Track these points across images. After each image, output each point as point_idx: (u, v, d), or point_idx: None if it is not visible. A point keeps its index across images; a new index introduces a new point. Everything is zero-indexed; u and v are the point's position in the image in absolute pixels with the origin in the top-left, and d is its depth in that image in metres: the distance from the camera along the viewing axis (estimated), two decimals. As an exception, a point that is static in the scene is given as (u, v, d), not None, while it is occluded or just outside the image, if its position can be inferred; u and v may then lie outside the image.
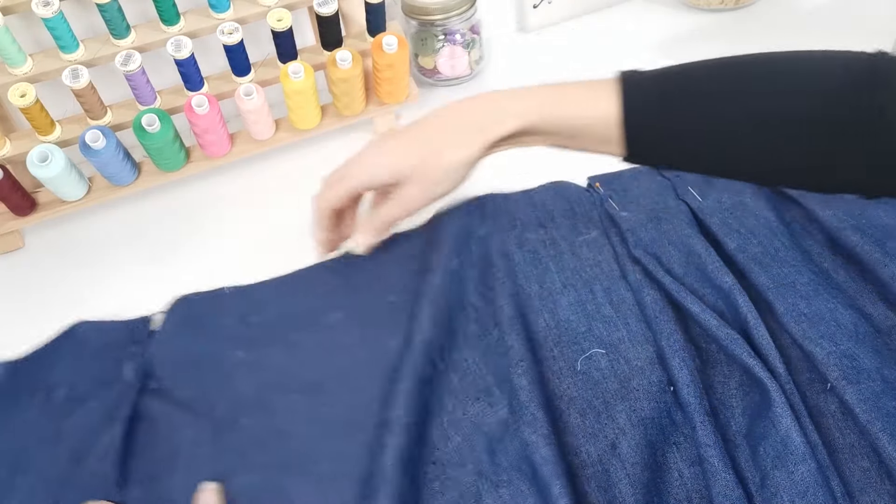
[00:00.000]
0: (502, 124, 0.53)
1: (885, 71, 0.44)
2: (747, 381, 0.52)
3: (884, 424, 0.46)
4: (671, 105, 0.50)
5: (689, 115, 0.49)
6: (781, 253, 0.58)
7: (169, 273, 0.68)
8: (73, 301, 0.67)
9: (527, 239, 0.64)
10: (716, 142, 0.49)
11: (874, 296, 0.56)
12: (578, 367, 0.54)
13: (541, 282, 0.60)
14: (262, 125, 0.73)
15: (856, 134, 0.44)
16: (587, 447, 0.50)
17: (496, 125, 0.54)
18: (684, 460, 0.49)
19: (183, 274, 0.68)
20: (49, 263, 0.71)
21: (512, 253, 0.62)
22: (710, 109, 0.49)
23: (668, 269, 0.59)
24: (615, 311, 0.58)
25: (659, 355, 0.54)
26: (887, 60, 0.44)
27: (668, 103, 0.50)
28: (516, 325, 0.57)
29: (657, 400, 0.51)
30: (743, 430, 0.50)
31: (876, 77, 0.44)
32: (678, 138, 0.50)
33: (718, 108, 0.49)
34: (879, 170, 0.45)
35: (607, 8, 0.93)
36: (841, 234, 0.58)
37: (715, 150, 0.50)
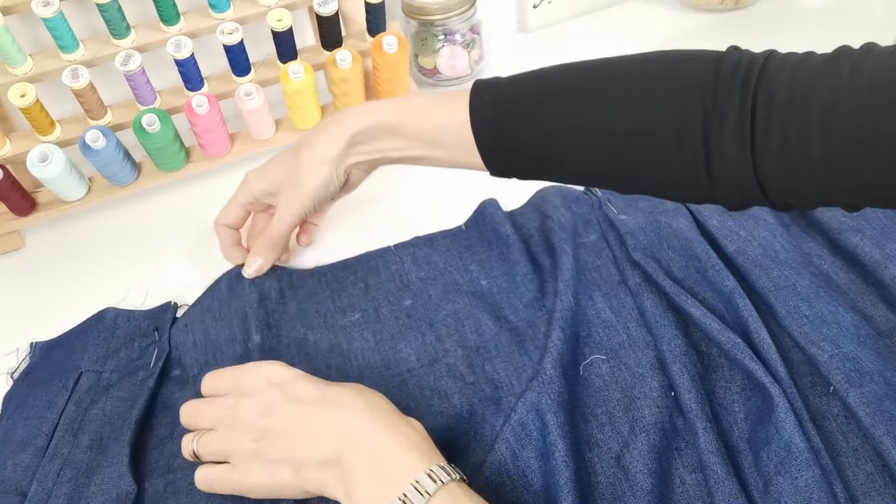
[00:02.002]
0: (362, 116, 0.55)
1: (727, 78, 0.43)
2: (749, 386, 0.52)
3: (887, 427, 0.46)
4: (512, 113, 0.50)
5: (528, 124, 0.49)
6: (781, 255, 0.58)
7: (169, 273, 0.68)
8: (73, 301, 0.67)
9: (527, 244, 0.64)
10: (555, 156, 0.49)
11: (875, 297, 0.56)
12: (580, 373, 0.54)
13: (541, 287, 0.60)
14: (262, 125, 0.73)
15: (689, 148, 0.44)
16: (590, 455, 0.50)
17: (355, 118, 0.56)
18: (686, 467, 0.49)
19: (183, 274, 0.68)
20: (49, 263, 0.71)
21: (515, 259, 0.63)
22: (545, 126, 0.49)
23: (667, 272, 0.59)
24: (615, 315, 0.58)
25: (660, 360, 0.54)
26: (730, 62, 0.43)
27: (509, 111, 0.50)
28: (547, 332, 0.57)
29: (659, 406, 0.51)
30: (745, 435, 0.50)
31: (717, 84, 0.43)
32: (520, 150, 0.51)
33: (551, 126, 0.48)
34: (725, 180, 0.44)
35: (607, 8, 0.93)
36: (841, 236, 0.58)
37: (552, 160, 0.50)
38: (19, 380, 0.60)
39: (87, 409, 0.56)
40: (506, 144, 0.51)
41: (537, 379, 0.52)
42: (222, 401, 0.51)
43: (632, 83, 0.46)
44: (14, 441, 0.55)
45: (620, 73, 0.47)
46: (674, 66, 0.45)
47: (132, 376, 0.58)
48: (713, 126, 0.42)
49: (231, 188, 0.77)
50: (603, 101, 0.46)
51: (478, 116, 0.51)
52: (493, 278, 0.63)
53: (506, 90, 0.51)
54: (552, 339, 0.54)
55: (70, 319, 0.65)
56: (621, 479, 0.49)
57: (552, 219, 0.64)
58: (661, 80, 0.45)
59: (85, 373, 0.59)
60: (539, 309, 0.59)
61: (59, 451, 0.54)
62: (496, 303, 0.61)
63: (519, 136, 0.50)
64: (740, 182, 0.43)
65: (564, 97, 0.48)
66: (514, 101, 0.50)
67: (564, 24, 0.92)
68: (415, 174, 0.75)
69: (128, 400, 0.57)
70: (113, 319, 0.63)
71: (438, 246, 0.66)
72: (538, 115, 0.49)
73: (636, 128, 0.45)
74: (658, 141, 0.45)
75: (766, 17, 0.88)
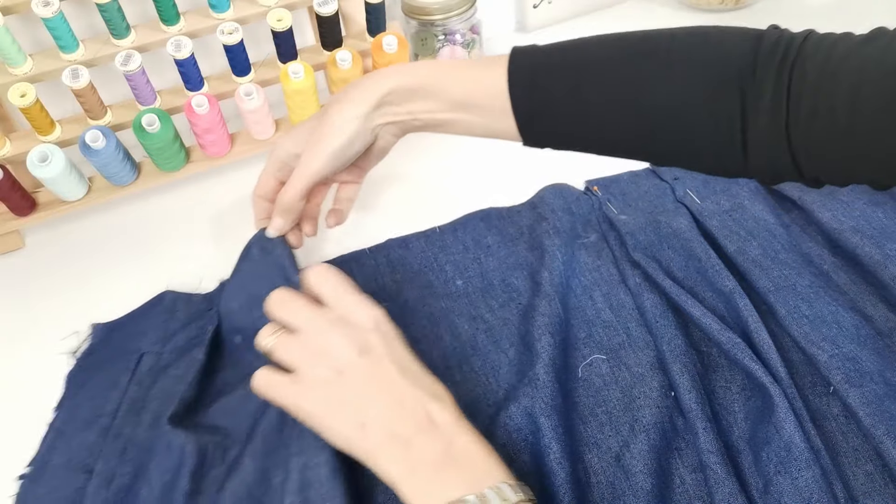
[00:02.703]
0: (391, 76, 0.54)
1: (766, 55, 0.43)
2: (749, 386, 0.52)
3: (887, 428, 0.46)
4: (550, 78, 0.49)
5: (566, 90, 0.49)
6: (781, 255, 0.58)
7: (169, 273, 0.68)
8: (73, 301, 0.67)
9: (527, 245, 0.64)
10: (590, 123, 0.49)
11: (875, 297, 0.56)
12: (580, 374, 0.54)
13: (541, 287, 0.60)
14: (262, 125, 0.73)
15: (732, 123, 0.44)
16: (589, 456, 0.50)
17: (385, 77, 0.54)
18: (686, 467, 0.49)
19: (183, 274, 0.68)
20: (49, 263, 0.71)
21: (515, 262, 0.63)
22: (583, 93, 0.48)
23: (667, 272, 0.59)
24: (615, 315, 0.58)
25: (660, 360, 0.54)
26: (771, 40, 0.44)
27: (547, 76, 0.49)
28: (521, 333, 0.57)
29: (659, 406, 0.51)
30: (745, 435, 0.50)
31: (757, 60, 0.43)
32: (556, 115, 0.50)
33: (590, 93, 0.48)
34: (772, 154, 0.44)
35: (607, 8, 0.93)
36: (840, 236, 0.58)
37: (587, 129, 0.50)
38: (81, 360, 0.61)
39: (148, 389, 0.57)
40: (542, 110, 0.50)
41: (531, 385, 0.52)
42: (322, 311, 0.49)
43: (672, 55, 0.46)
44: (79, 420, 0.56)
45: (661, 45, 0.47)
46: (714, 42, 0.46)
47: (188, 353, 0.58)
48: (750, 102, 0.43)
49: (231, 188, 0.77)
50: (642, 72, 0.47)
51: (516, 80, 0.50)
52: (468, 279, 0.63)
53: (545, 57, 0.50)
54: (542, 343, 0.54)
55: (70, 319, 0.65)
56: (621, 478, 0.49)
57: (548, 221, 0.64)
58: (701, 53, 0.45)
59: (146, 354, 0.60)
60: (515, 307, 0.60)
61: (123, 430, 0.55)
62: (472, 303, 0.61)
63: (556, 102, 0.49)
64: (774, 158, 0.44)
65: (604, 66, 0.48)
66: (553, 67, 0.49)
67: (564, 24, 0.92)
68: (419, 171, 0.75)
69: (182, 377, 0.57)
70: (172, 302, 0.64)
71: (413, 247, 0.66)
72: (576, 82, 0.48)
73: (674, 100, 0.45)
74: (695, 114, 0.45)
75: (766, 16, 0.88)
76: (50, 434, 0.56)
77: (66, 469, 0.53)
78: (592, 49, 0.49)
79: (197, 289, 0.66)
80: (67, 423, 0.56)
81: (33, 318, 0.66)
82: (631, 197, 0.67)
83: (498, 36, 0.92)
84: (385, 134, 0.57)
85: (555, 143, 0.53)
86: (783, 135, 0.42)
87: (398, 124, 0.56)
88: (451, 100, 0.53)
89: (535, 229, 0.65)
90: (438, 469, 0.42)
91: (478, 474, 0.42)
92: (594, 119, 0.49)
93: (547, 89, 0.49)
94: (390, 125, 0.56)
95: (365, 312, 0.49)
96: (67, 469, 0.53)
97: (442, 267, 0.65)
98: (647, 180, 0.68)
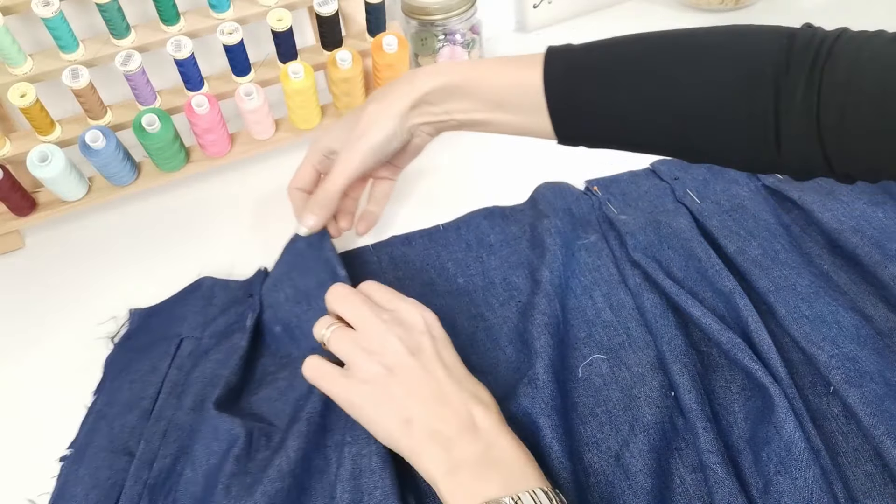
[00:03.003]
0: (432, 76, 0.55)
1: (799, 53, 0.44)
2: (749, 386, 0.52)
3: (887, 428, 0.46)
4: (585, 78, 0.50)
5: (601, 89, 0.50)
6: (781, 255, 0.58)
7: (169, 273, 0.68)
8: (73, 301, 0.67)
9: (528, 244, 0.64)
10: (624, 120, 0.50)
11: (875, 297, 0.56)
12: (579, 374, 0.54)
13: (540, 285, 0.60)
14: (262, 125, 0.73)
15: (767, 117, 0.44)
16: (589, 455, 0.50)
17: (426, 77, 0.55)
18: (686, 466, 0.49)
19: (183, 274, 0.68)
20: (49, 263, 0.71)
21: (517, 260, 0.63)
22: (617, 90, 0.49)
23: (667, 272, 0.59)
24: (615, 315, 0.58)
25: (660, 360, 0.54)
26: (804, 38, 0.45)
27: (582, 76, 0.50)
28: (520, 332, 0.57)
29: (659, 405, 0.51)
30: (745, 435, 0.50)
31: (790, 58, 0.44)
32: (591, 113, 0.51)
33: (624, 90, 0.49)
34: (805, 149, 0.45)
35: (607, 8, 0.93)
36: (840, 236, 0.58)
37: (622, 127, 0.50)
38: (120, 345, 0.62)
39: (189, 373, 0.58)
40: (577, 109, 0.51)
41: (530, 384, 0.52)
42: (378, 311, 0.51)
43: (706, 53, 0.47)
44: (120, 403, 0.57)
45: (695, 43, 0.47)
46: (748, 40, 0.46)
47: (229, 339, 0.59)
48: (783, 100, 0.43)
49: (231, 188, 0.77)
50: (676, 70, 0.47)
51: (551, 79, 0.51)
52: (469, 277, 0.63)
53: (580, 56, 0.51)
54: (542, 343, 0.54)
55: (70, 319, 0.65)
56: (621, 478, 0.49)
57: (549, 219, 0.64)
58: (735, 51, 0.46)
59: (185, 339, 0.61)
60: (515, 305, 0.60)
61: (164, 413, 0.55)
62: (473, 301, 0.61)
63: (591, 101, 0.50)
64: (806, 155, 0.44)
65: (638, 65, 0.49)
66: (588, 66, 0.50)
67: (564, 24, 0.92)
68: (423, 169, 0.75)
69: (223, 361, 0.58)
70: (210, 288, 0.64)
71: (415, 245, 0.67)
72: (611, 81, 0.49)
73: (708, 97, 0.46)
74: (729, 111, 0.45)
75: (766, 17, 0.88)
76: (90, 417, 0.57)
77: (108, 451, 0.54)
78: (626, 48, 0.50)
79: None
80: (108, 406, 0.57)
81: (33, 318, 0.66)
82: (631, 197, 0.67)
83: (498, 36, 0.92)
84: (421, 133, 0.59)
85: (589, 142, 0.54)
86: (815, 133, 0.43)
87: (434, 124, 0.58)
88: (487, 100, 0.54)
89: (537, 227, 0.65)
90: (477, 469, 0.44)
91: (515, 477, 0.43)
92: (629, 118, 0.49)
93: (582, 89, 0.50)
94: (426, 125, 0.58)
95: (418, 315, 0.51)
96: (109, 451, 0.54)
97: (444, 265, 0.65)
98: (647, 180, 0.68)
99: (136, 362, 0.59)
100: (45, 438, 0.57)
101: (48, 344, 0.64)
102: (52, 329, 0.65)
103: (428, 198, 0.72)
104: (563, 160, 0.74)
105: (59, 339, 0.64)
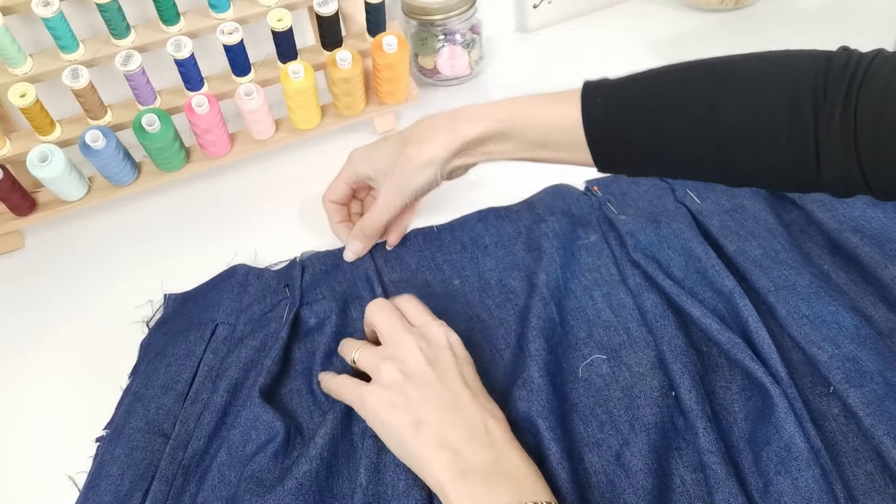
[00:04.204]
0: (473, 124, 0.57)
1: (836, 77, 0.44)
2: (749, 386, 0.52)
3: (887, 428, 0.46)
4: (625, 113, 0.51)
5: (639, 125, 0.51)
6: (781, 255, 0.58)
7: (169, 273, 0.68)
8: (73, 301, 0.67)
9: (524, 245, 0.64)
10: (665, 150, 0.51)
11: (875, 297, 0.56)
12: (580, 374, 0.54)
13: (536, 289, 0.60)
14: (262, 125, 0.73)
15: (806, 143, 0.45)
16: (590, 455, 0.50)
17: (467, 124, 0.57)
18: (686, 466, 0.49)
19: (183, 274, 0.68)
20: (49, 263, 0.71)
21: (512, 262, 0.63)
22: (657, 122, 0.50)
23: (667, 272, 0.59)
24: (615, 315, 0.58)
25: (660, 360, 0.54)
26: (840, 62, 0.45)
27: (622, 111, 0.51)
28: (517, 334, 0.57)
29: (659, 405, 0.51)
30: (745, 435, 0.50)
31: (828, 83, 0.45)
32: (631, 145, 0.52)
33: (663, 121, 0.50)
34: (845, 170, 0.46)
35: (607, 8, 0.93)
36: (840, 236, 0.58)
37: (663, 155, 0.51)
38: (155, 329, 0.64)
39: (224, 358, 0.59)
40: (618, 143, 0.53)
41: (525, 388, 0.52)
42: (408, 325, 0.54)
43: (745, 79, 0.47)
44: (156, 385, 0.58)
45: (733, 70, 0.48)
46: (786, 66, 0.47)
47: (265, 328, 0.60)
48: (822, 123, 0.44)
49: (231, 188, 0.77)
50: (715, 98, 0.48)
51: (590, 117, 0.52)
52: (465, 278, 0.63)
53: (617, 89, 0.52)
54: (536, 347, 0.54)
55: (70, 319, 0.65)
56: (621, 478, 0.49)
57: (547, 223, 0.64)
58: (773, 77, 0.47)
59: (220, 324, 0.62)
60: (512, 308, 0.60)
61: (200, 396, 0.57)
62: (469, 302, 0.61)
63: (632, 136, 0.52)
64: (845, 175, 0.45)
65: (676, 96, 0.50)
66: (625, 101, 0.52)
67: (564, 24, 0.92)
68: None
69: (260, 349, 0.59)
70: (244, 276, 0.66)
71: (410, 245, 0.67)
72: (651, 115, 0.50)
73: (749, 124, 0.47)
74: (770, 138, 0.46)
75: (767, 16, 0.88)
76: (127, 398, 0.58)
77: (144, 432, 0.55)
78: (663, 79, 0.51)
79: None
80: (144, 388, 0.58)
81: (33, 318, 0.66)
82: (631, 197, 0.67)
83: (498, 36, 0.92)
84: (458, 171, 0.62)
85: (629, 171, 0.55)
86: (853, 154, 0.44)
87: (472, 164, 0.61)
88: (528, 141, 0.56)
89: (533, 230, 0.65)
90: (487, 477, 0.44)
91: (524, 489, 0.44)
92: (669, 148, 0.50)
93: (621, 123, 0.52)
94: (464, 166, 0.61)
95: (443, 334, 0.53)
96: (145, 432, 0.55)
97: (440, 266, 0.65)
98: (647, 180, 0.68)
99: (171, 346, 0.60)
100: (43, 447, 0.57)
101: (48, 344, 0.64)
102: (52, 329, 0.65)
103: (427, 198, 0.72)
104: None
105: (58, 339, 0.64)
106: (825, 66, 0.45)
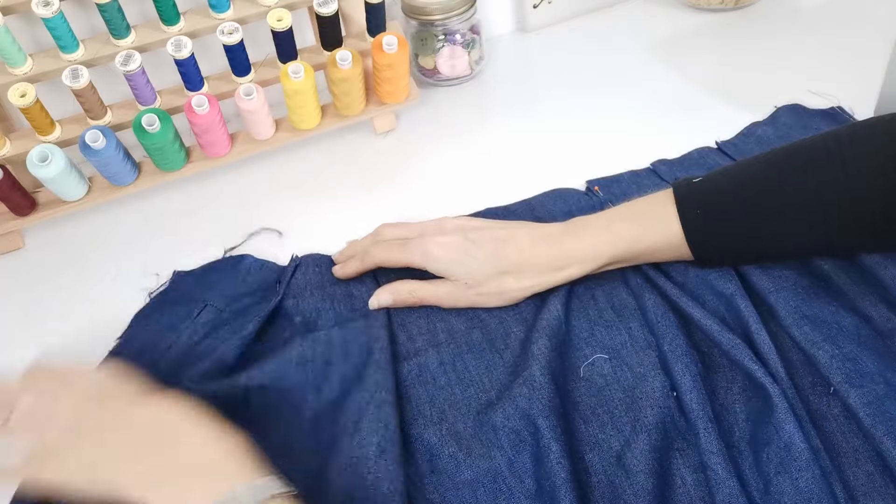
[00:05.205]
0: (580, 266, 0.57)
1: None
2: (750, 387, 0.52)
3: (887, 428, 0.46)
4: (723, 214, 0.53)
5: (739, 223, 0.53)
6: (782, 255, 0.58)
7: (169, 273, 0.68)
8: (73, 301, 0.67)
9: None
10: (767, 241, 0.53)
11: (875, 298, 0.56)
12: (581, 374, 0.54)
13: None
14: (262, 125, 0.73)
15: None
16: (590, 455, 0.50)
17: (575, 267, 0.57)
18: (687, 467, 0.49)
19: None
20: (49, 263, 0.71)
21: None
22: (754, 212, 0.52)
23: (668, 274, 0.59)
24: (617, 315, 0.58)
25: (661, 360, 0.54)
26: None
27: (720, 213, 0.53)
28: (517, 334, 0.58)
29: (660, 406, 0.51)
30: (746, 436, 0.50)
31: None
32: (733, 245, 0.54)
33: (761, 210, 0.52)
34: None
35: (607, 8, 0.93)
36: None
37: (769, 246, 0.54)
38: (152, 300, 0.65)
39: (197, 345, 0.60)
40: (722, 245, 0.55)
41: (526, 385, 0.52)
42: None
43: (845, 159, 0.50)
44: (133, 349, 0.60)
45: (831, 152, 0.50)
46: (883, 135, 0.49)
47: (244, 317, 0.61)
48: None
49: (231, 188, 0.77)
50: (821, 184, 0.50)
51: (691, 226, 0.54)
52: None
53: (713, 194, 0.54)
54: (539, 346, 0.54)
55: (70, 319, 0.65)
56: (622, 478, 0.49)
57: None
58: (874, 152, 0.49)
59: (209, 306, 0.63)
60: (512, 307, 0.60)
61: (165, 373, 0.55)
62: None
63: (735, 236, 0.54)
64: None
65: (779, 189, 0.52)
66: (724, 202, 0.54)
67: (564, 24, 0.92)
68: (417, 173, 0.75)
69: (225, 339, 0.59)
70: (248, 266, 0.67)
71: None
72: (753, 212, 0.52)
73: (857, 202, 0.49)
74: (876, 211, 0.49)
75: (766, 17, 0.88)
76: (109, 357, 0.60)
77: None
78: (759, 173, 0.53)
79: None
80: (123, 346, 0.60)
81: (33, 317, 0.66)
82: (632, 197, 0.67)
83: (498, 36, 0.92)
84: None
85: (733, 264, 0.57)
86: None
87: None
88: (629, 258, 0.57)
89: None
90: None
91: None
92: (776, 240, 0.53)
93: (724, 225, 0.54)
94: None
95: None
96: None
97: None
98: (648, 180, 0.68)
99: (157, 313, 0.62)
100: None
101: (47, 344, 0.64)
102: (51, 329, 0.65)
103: (427, 199, 0.72)
104: (563, 161, 0.74)
105: (58, 339, 0.64)
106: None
